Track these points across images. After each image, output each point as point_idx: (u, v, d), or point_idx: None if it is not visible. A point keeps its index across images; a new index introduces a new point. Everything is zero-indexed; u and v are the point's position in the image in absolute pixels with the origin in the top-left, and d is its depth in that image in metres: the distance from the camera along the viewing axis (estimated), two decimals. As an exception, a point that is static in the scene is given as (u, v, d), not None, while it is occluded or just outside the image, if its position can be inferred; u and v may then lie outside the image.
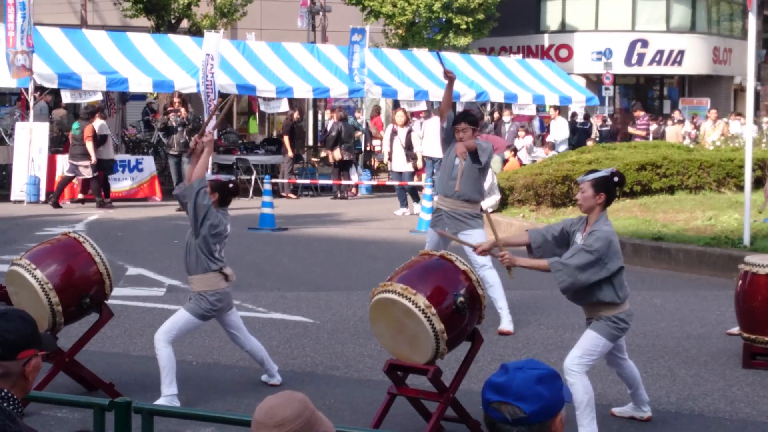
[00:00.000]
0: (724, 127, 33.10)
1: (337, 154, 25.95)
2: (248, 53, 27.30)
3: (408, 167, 23.29)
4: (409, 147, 23.18)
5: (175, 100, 23.59)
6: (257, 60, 27.17)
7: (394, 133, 23.54)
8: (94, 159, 22.20)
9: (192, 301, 8.57)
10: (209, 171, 22.77)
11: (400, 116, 23.82)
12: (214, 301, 8.52)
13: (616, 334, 7.58)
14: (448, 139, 11.26)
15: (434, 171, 25.24)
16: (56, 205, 22.06)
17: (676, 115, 38.28)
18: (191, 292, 8.64)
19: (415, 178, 23.69)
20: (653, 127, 34.45)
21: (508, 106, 31.98)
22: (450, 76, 11.38)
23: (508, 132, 29.20)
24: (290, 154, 26.05)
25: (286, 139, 26.12)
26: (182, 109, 23.12)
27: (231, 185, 8.76)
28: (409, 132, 23.31)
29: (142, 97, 30.82)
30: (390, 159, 23.83)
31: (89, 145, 22.21)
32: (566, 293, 7.61)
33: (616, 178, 7.67)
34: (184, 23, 33.61)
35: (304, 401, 3.64)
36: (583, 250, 7.42)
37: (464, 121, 11.08)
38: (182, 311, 8.58)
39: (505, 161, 25.43)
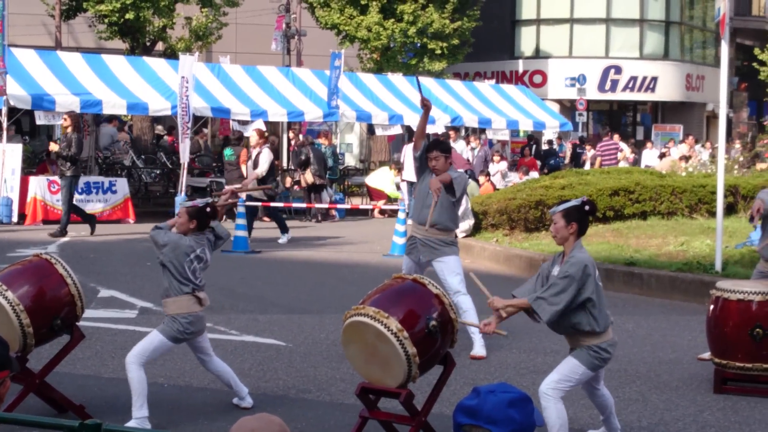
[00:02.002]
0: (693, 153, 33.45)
1: (308, 177, 25.91)
2: (223, 76, 27.30)
3: (259, 193, 20.95)
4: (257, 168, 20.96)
5: (64, 117, 21.71)
6: (232, 83, 27.17)
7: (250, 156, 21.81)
8: (257, 173, 22.74)
9: (165, 323, 8.54)
10: (182, 194, 22.72)
11: (252, 136, 21.89)
12: (186, 324, 8.47)
13: (597, 364, 7.52)
14: (422, 167, 11.26)
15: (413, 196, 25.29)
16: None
17: (616, 138, 38.45)
18: (165, 315, 8.60)
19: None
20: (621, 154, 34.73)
21: (475, 131, 32.02)
22: (426, 104, 11.32)
23: (477, 157, 29.20)
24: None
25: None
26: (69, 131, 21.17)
27: (208, 209, 8.67)
28: (258, 154, 21.01)
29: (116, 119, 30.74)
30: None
31: (252, 168, 22.69)
32: (551, 324, 7.57)
33: (587, 207, 7.64)
34: (159, 46, 33.62)
35: (283, 426, 3.64)
36: (558, 278, 7.44)
37: (437, 149, 11.08)
38: (155, 333, 8.53)
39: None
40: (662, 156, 36.58)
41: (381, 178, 28.77)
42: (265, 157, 20.95)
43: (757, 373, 9.65)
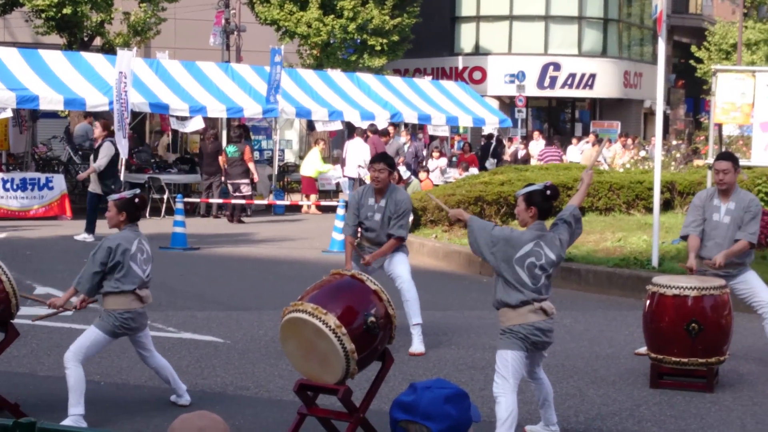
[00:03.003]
0: (634, 150, 33.78)
1: None
2: (161, 72, 27.10)
3: (96, 187, 19.98)
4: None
5: None
6: (170, 79, 26.98)
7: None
8: (257, 177, 25.34)
9: (101, 317, 8.46)
10: (124, 188, 22.51)
11: (96, 128, 20.79)
12: (123, 320, 8.41)
13: (519, 344, 7.59)
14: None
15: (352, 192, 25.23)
16: (240, 221, 24.51)
17: (536, 135, 39.33)
18: (101, 309, 8.53)
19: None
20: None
21: (407, 126, 32.04)
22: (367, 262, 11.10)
23: (407, 153, 29.22)
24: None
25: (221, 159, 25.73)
26: None
27: (137, 200, 8.63)
28: (98, 147, 19.96)
29: (53, 114, 30.40)
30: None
31: (251, 166, 24.99)
32: (475, 252, 7.88)
33: (548, 192, 7.77)
34: (97, 41, 33.31)
35: (224, 424, 3.63)
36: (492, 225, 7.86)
37: (383, 162, 11.10)
38: (92, 328, 8.45)
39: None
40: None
41: (310, 162, 28.61)
42: (105, 150, 20.00)
43: (692, 367, 9.75)
